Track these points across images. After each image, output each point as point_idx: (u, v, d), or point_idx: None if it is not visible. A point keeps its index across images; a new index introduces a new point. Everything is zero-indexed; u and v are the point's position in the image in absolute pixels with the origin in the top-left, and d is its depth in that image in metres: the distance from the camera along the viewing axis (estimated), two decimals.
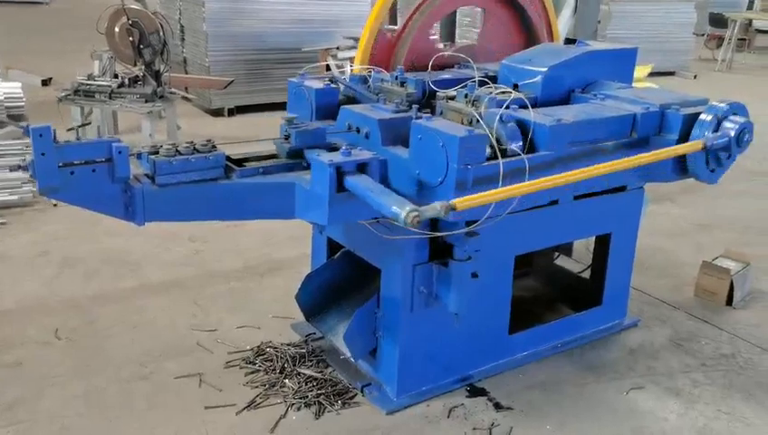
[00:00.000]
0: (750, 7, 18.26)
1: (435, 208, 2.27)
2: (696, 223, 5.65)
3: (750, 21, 15.26)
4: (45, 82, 9.61)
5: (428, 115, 2.90)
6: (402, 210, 2.24)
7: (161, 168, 2.55)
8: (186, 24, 8.75)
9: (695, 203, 5.93)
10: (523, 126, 2.90)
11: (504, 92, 3.21)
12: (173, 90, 6.82)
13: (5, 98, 7.26)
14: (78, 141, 2.44)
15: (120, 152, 2.45)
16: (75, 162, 2.42)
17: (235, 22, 8.30)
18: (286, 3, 8.51)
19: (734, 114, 3.13)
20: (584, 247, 4.30)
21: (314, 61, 8.27)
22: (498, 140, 2.79)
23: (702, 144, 2.92)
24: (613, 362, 3.63)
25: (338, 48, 7.66)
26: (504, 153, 2.76)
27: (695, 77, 12.68)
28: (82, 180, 2.43)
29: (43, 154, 2.30)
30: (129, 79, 6.48)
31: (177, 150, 2.63)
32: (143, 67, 6.38)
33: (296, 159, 2.87)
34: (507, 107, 2.96)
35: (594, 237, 3.82)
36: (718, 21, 15.09)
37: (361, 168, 2.62)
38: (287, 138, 2.94)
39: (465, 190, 2.62)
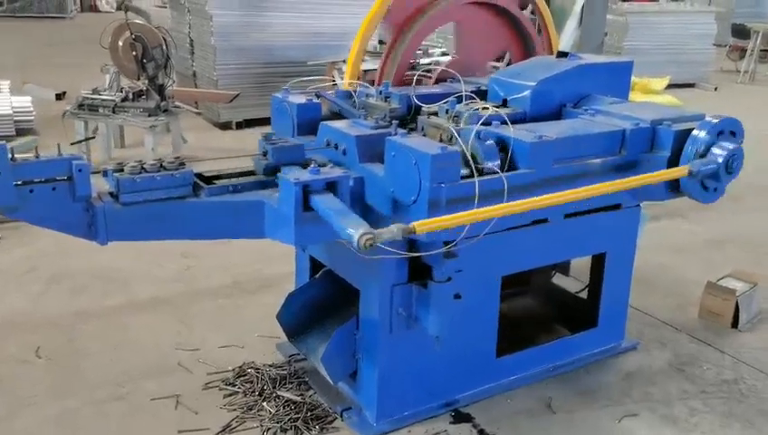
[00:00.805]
0: None
1: (391, 231, 2.18)
2: (707, 239, 5.46)
3: None
4: (59, 97, 9.70)
5: (404, 132, 2.80)
6: (356, 232, 2.15)
7: (125, 185, 2.49)
8: (195, 38, 8.77)
9: (708, 219, 5.73)
10: (503, 143, 2.79)
11: (486, 108, 3.12)
12: (177, 103, 6.82)
13: (15, 112, 7.35)
14: (36, 159, 2.38)
15: (80, 170, 2.39)
16: (35, 180, 2.37)
17: (242, 35, 8.30)
18: (294, 16, 8.50)
19: (731, 132, 2.98)
20: (585, 266, 4.15)
21: (322, 74, 8.23)
22: (475, 158, 2.68)
23: (688, 170, 2.78)
24: (607, 387, 3.48)
25: (344, 61, 7.59)
26: (482, 172, 2.66)
27: (715, 89, 12.43)
28: (42, 199, 2.37)
29: None
30: (134, 93, 6.49)
31: (142, 168, 2.57)
32: (146, 81, 6.39)
33: (273, 175, 2.78)
34: (487, 123, 2.86)
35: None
36: (740, 32, 14.80)
37: (331, 186, 2.53)
38: (265, 154, 2.86)
39: (439, 210, 2.52)
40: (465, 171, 2.62)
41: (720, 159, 2.86)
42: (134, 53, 6.27)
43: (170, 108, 6.62)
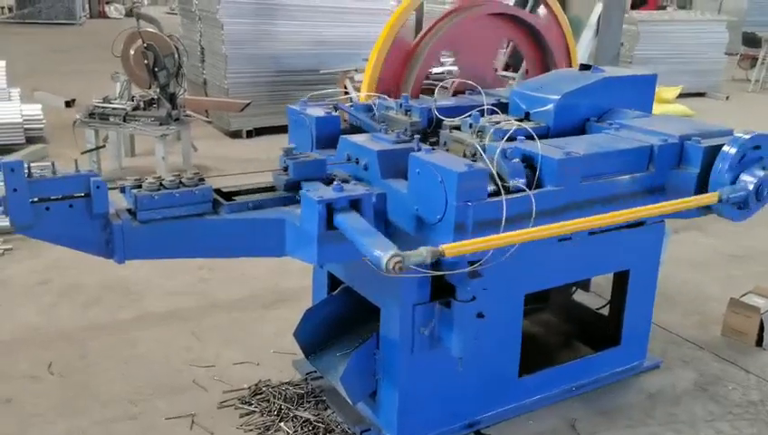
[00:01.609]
0: None
1: (420, 254, 2.11)
2: (726, 254, 5.37)
3: None
4: (69, 104, 9.68)
5: (428, 147, 2.73)
6: (384, 255, 2.08)
7: (143, 203, 2.42)
8: (206, 46, 8.74)
9: (726, 232, 5.64)
10: (529, 159, 2.72)
11: (510, 121, 3.05)
12: (188, 112, 6.78)
13: (25, 120, 7.33)
14: (53, 176, 2.32)
15: (98, 187, 2.33)
16: (51, 198, 2.31)
17: (253, 44, 8.26)
18: (305, 25, 8.45)
19: (757, 147, 2.91)
20: (605, 281, 4.07)
21: (333, 83, 8.18)
22: (501, 175, 2.61)
23: (718, 197, 2.71)
24: (630, 408, 3.39)
25: (356, 70, 7.55)
26: (509, 189, 2.58)
27: (726, 98, 12.33)
28: (59, 217, 2.32)
29: (15, 190, 2.20)
30: (145, 101, 6.45)
31: (161, 184, 2.51)
32: (158, 90, 6.34)
33: (294, 191, 2.72)
34: (511, 138, 2.79)
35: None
36: (751, 40, 14.71)
37: (354, 204, 2.46)
38: (285, 169, 2.79)
39: (465, 229, 2.45)
40: (490, 188, 2.55)
41: (750, 187, 2.79)
42: (146, 61, 6.22)
43: (181, 117, 6.57)
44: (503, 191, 2.50)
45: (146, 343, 3.78)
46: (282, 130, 8.50)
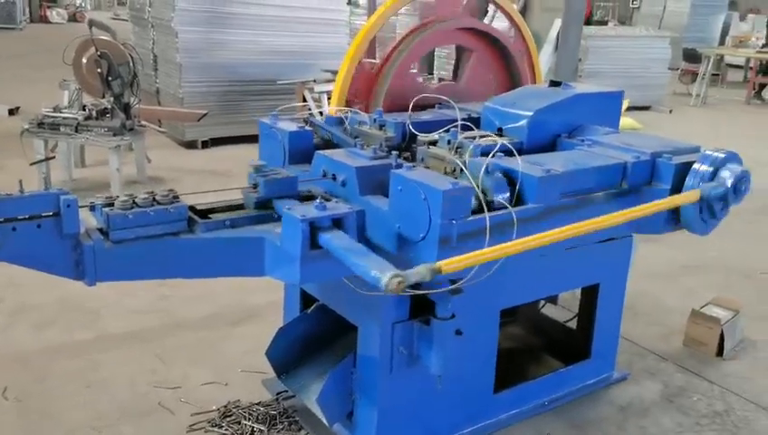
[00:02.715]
0: (722, 42, 18.61)
1: (420, 273, 2.07)
2: (680, 265, 5.51)
3: (722, 56, 15.47)
4: (12, 112, 9.33)
5: (409, 164, 2.70)
6: (383, 275, 2.03)
7: (115, 222, 2.32)
8: (159, 54, 8.55)
9: (679, 243, 5.77)
10: (509, 176, 2.72)
11: (485, 136, 3.05)
12: (143, 122, 6.59)
13: None
14: (21, 194, 2.19)
15: (68, 206, 2.21)
16: (18, 217, 2.18)
17: (209, 53, 8.12)
18: (262, 34, 8.36)
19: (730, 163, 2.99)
20: (571, 294, 4.12)
21: (290, 93, 8.11)
22: (483, 192, 2.60)
23: (699, 194, 2.76)
24: (601, 421, 3.42)
25: (314, 81, 7.50)
26: (490, 206, 2.58)
27: (670, 112, 12.74)
28: (26, 237, 2.19)
29: None
30: (97, 111, 6.24)
31: (134, 202, 2.40)
32: (111, 99, 6.15)
33: (265, 209, 2.65)
34: (493, 155, 2.79)
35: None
36: (692, 56, 15.30)
37: (337, 222, 2.41)
38: (255, 187, 2.71)
39: (450, 246, 2.42)
40: (473, 205, 2.53)
41: (729, 182, 2.85)
42: (99, 70, 6.02)
43: (136, 127, 6.39)
44: (486, 208, 2.49)
45: (108, 364, 3.63)
46: (238, 140, 8.39)
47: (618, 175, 2.97)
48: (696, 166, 2.94)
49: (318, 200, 2.42)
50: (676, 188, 2.98)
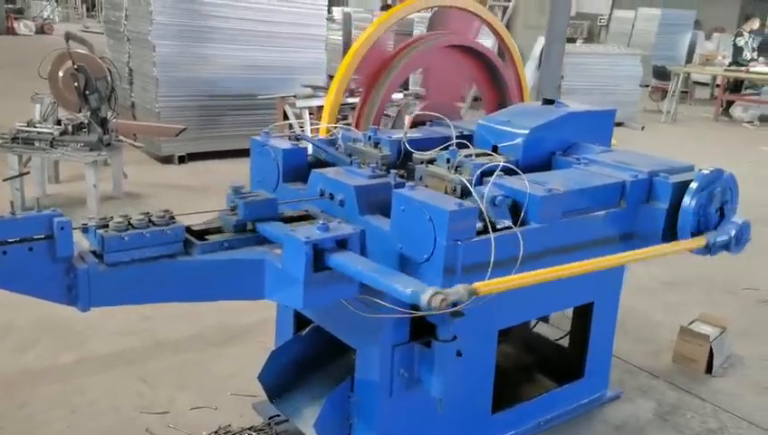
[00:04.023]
0: (688, 60, 19.03)
1: (458, 292, 2.04)
2: (663, 280, 5.55)
3: (689, 74, 15.79)
4: None
5: (410, 183, 2.66)
6: (425, 293, 1.98)
7: (111, 244, 2.23)
8: (135, 68, 8.41)
9: (661, 259, 5.83)
10: (511, 196, 2.69)
11: (482, 154, 3.03)
12: (120, 137, 6.45)
13: None
14: (12, 216, 2.10)
15: (62, 228, 2.12)
16: (9, 241, 2.08)
17: (187, 67, 8.01)
18: (241, 48, 8.27)
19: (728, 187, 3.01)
20: (561, 312, 4.11)
21: (270, 108, 8.03)
22: (486, 212, 2.57)
23: (705, 242, 2.79)
24: None
25: (295, 96, 7.43)
26: (494, 226, 2.54)
27: (642, 128, 12.93)
28: (17, 261, 2.09)
29: None
30: (73, 126, 6.09)
31: (129, 223, 2.32)
32: (88, 114, 6.01)
33: (244, 232, 2.56)
34: (489, 174, 2.76)
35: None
36: (662, 73, 15.60)
37: (341, 243, 2.35)
38: (233, 209, 2.63)
39: (455, 269, 2.39)
40: (478, 226, 2.50)
41: (733, 232, 2.88)
42: (76, 84, 5.89)
43: (113, 142, 6.25)
44: (491, 229, 2.46)
45: (92, 389, 3.49)
46: (216, 155, 8.28)
47: (617, 194, 2.97)
48: (693, 185, 2.95)
49: (320, 221, 2.36)
50: (674, 207, 2.99)
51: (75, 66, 5.87)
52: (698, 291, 5.39)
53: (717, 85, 15.87)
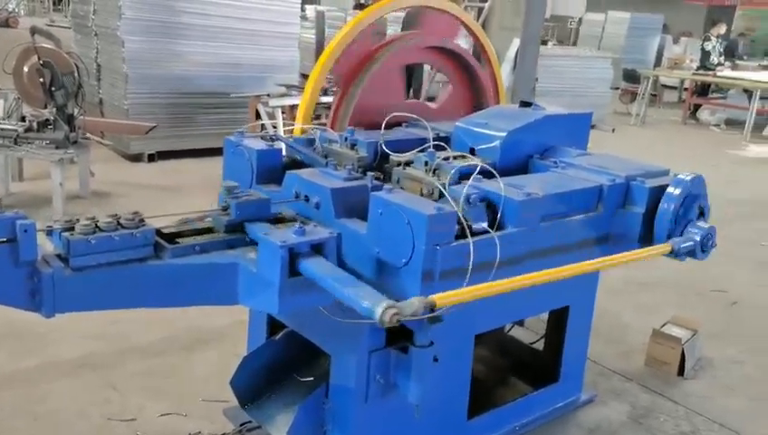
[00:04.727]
0: (657, 64, 19.31)
1: (413, 305, 1.98)
2: (636, 282, 5.58)
3: (657, 77, 16.01)
4: None
5: (388, 186, 2.61)
6: (377, 307, 1.93)
7: (77, 247, 2.14)
8: (103, 64, 8.23)
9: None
10: (489, 199, 2.66)
11: (459, 157, 3.00)
12: (87, 135, 6.30)
13: None
14: None
15: (25, 231, 2.03)
16: None
17: (157, 63, 7.85)
18: (213, 46, 8.14)
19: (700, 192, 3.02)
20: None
21: (242, 107, 7.92)
22: (464, 216, 2.53)
23: (671, 248, 2.79)
24: None
25: (269, 95, 7.33)
26: (472, 230, 2.51)
27: (613, 131, 13.06)
28: None
29: None
30: (39, 122, 5.92)
31: (96, 226, 2.23)
32: (54, 110, 5.85)
33: (236, 233, 2.51)
34: (467, 177, 2.73)
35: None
36: (632, 76, 15.80)
37: (316, 248, 2.30)
38: (225, 209, 2.57)
39: (433, 273, 2.35)
40: (456, 230, 2.46)
41: (698, 238, 2.89)
42: (42, 79, 5.73)
43: (79, 140, 6.10)
44: (469, 234, 2.42)
45: (57, 395, 3.39)
46: (187, 154, 8.14)
47: (594, 198, 2.96)
48: (670, 190, 2.96)
49: (297, 225, 2.30)
50: (650, 212, 2.99)
51: (41, 61, 5.72)
52: (669, 293, 5.44)
53: (685, 89, 16.11)
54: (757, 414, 3.82)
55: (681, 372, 4.13)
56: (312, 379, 2.97)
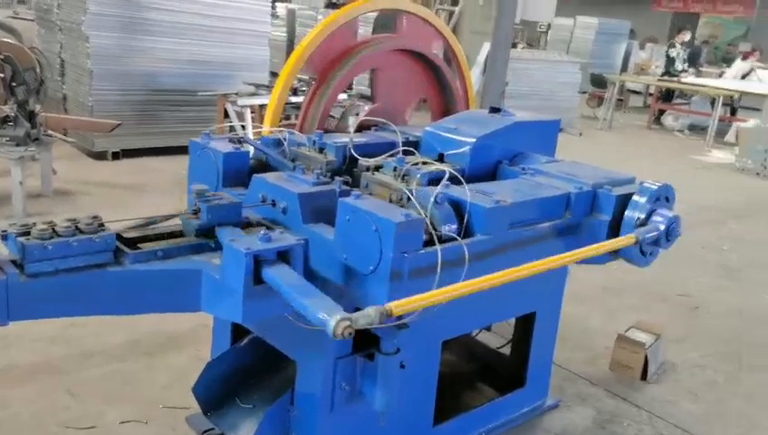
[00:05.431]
0: (624, 69, 19.60)
1: (369, 315, 1.94)
2: (600, 286, 5.64)
3: (624, 83, 16.25)
4: None
5: (356, 192, 2.58)
6: (332, 319, 1.90)
7: (33, 253, 2.07)
8: (67, 59, 8.04)
9: (601, 266, 5.93)
10: (457, 206, 2.65)
11: (428, 163, 2.98)
12: (49, 132, 6.14)
13: None
14: None
15: None
16: None
17: (123, 60, 7.70)
18: (181, 43, 8.01)
19: (665, 198, 3.05)
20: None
21: (210, 105, 7.81)
22: (432, 223, 2.51)
23: (635, 239, 2.80)
24: None
25: (237, 94, 7.24)
26: (440, 237, 2.49)
27: (580, 134, 13.21)
28: None
29: None
30: None
31: (53, 230, 2.16)
32: (15, 107, 5.69)
33: (205, 237, 2.45)
34: (436, 183, 2.71)
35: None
36: (599, 81, 16.00)
37: (282, 254, 2.25)
38: (196, 213, 2.51)
39: (401, 281, 2.32)
40: (424, 237, 2.44)
41: (662, 226, 2.90)
42: (2, 75, 5.57)
43: (41, 137, 5.95)
44: (437, 241, 2.40)
45: (12, 402, 3.28)
46: (153, 152, 8.00)
47: (562, 206, 2.96)
48: (635, 198, 2.98)
49: (262, 231, 2.26)
50: (617, 219, 3.01)
51: (1, 56, 5.56)
52: (634, 297, 5.50)
53: (650, 94, 16.38)
54: (719, 419, 3.88)
55: (644, 376, 4.18)
56: (277, 386, 2.92)
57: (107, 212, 2.40)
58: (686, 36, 16.18)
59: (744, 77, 15.98)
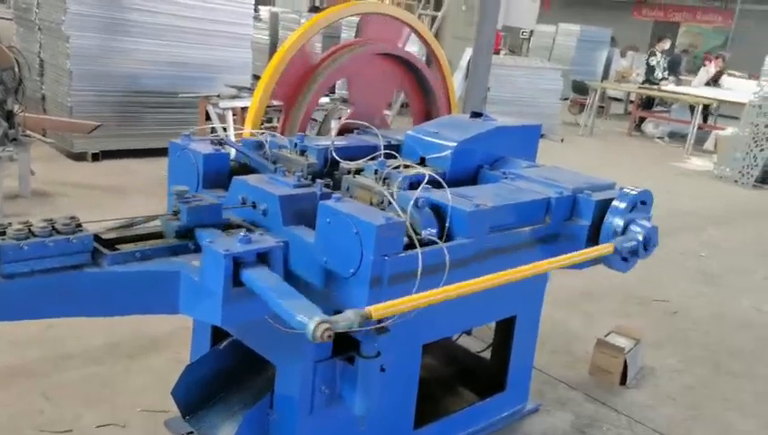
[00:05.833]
0: (605, 76, 19.78)
1: (348, 319, 1.94)
2: (580, 291, 5.67)
3: (605, 90, 16.40)
4: None
5: (337, 194, 2.58)
6: (311, 322, 1.89)
7: (8, 254, 2.04)
8: (46, 59, 7.95)
9: (580, 271, 5.97)
10: (438, 210, 2.65)
11: (410, 166, 2.98)
12: (28, 132, 6.07)
13: None
14: None
15: None
16: None
17: (103, 60, 7.63)
18: (162, 44, 7.96)
19: (642, 202, 3.08)
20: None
21: (191, 107, 7.77)
22: (412, 226, 2.52)
23: (613, 248, 2.83)
24: None
25: (218, 96, 7.21)
26: (420, 241, 2.49)
27: (562, 141, 13.30)
28: None
29: None
30: None
31: (29, 231, 2.13)
32: None
33: (185, 239, 2.44)
34: (417, 186, 2.71)
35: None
36: (580, 88, 16.14)
37: (262, 256, 2.24)
38: (176, 214, 2.50)
39: (381, 284, 2.32)
40: (405, 240, 2.44)
41: (640, 237, 2.93)
42: None
43: (19, 137, 5.87)
44: (417, 244, 2.40)
45: None
46: (133, 154, 7.94)
47: (542, 210, 2.98)
48: (615, 203, 3.00)
49: (242, 233, 2.24)
50: (596, 224, 3.03)
51: None
52: (613, 302, 5.54)
53: (631, 101, 16.54)
54: (697, 423, 3.92)
55: (624, 381, 4.21)
56: (256, 389, 2.90)
57: (85, 213, 2.37)
58: (666, 45, 16.36)
59: (715, 81, 16.18)
